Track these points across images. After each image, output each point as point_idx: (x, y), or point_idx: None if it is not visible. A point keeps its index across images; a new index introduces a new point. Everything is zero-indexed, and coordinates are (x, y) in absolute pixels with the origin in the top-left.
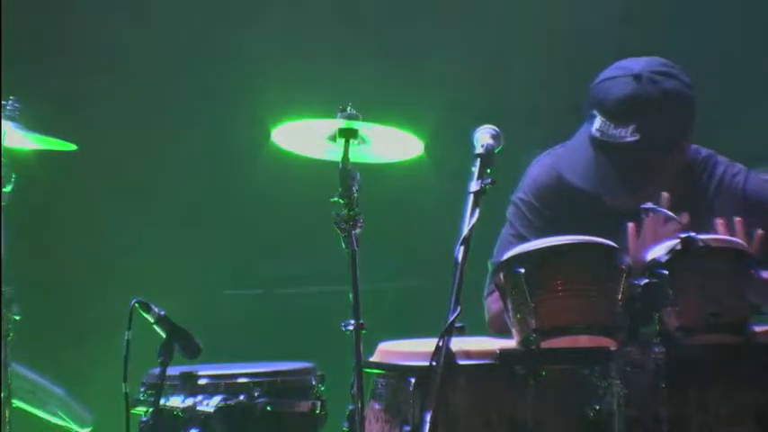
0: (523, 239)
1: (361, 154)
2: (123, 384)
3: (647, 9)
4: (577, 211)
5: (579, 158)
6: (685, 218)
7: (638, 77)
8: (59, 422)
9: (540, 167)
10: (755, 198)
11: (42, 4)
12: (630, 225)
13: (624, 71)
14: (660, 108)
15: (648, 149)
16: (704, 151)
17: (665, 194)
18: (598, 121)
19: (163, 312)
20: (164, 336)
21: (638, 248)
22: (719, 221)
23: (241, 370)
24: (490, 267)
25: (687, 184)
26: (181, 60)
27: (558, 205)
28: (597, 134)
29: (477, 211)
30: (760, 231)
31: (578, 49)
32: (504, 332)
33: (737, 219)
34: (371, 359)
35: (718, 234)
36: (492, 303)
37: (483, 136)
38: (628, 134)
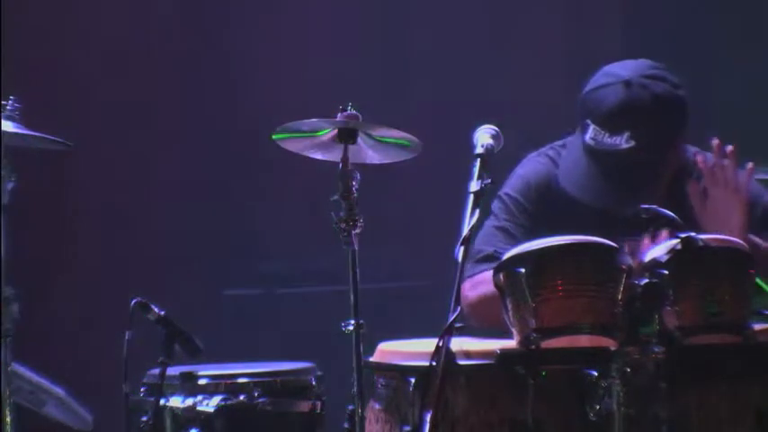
0: (506, 232)
1: (360, 154)
2: (123, 384)
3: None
4: (569, 213)
5: (575, 168)
6: None
7: (627, 84)
8: (59, 422)
9: (530, 168)
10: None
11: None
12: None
13: (613, 78)
14: (653, 113)
15: (645, 154)
16: (692, 149)
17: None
18: (592, 131)
19: (163, 312)
20: (164, 336)
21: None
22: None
23: (241, 370)
24: (473, 254)
25: (679, 184)
26: (181, 60)
27: (546, 206)
28: (592, 143)
29: (477, 211)
30: (750, 165)
31: (579, 47)
32: (484, 323)
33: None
34: (371, 359)
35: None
36: (469, 290)
37: (483, 136)
38: (623, 142)
